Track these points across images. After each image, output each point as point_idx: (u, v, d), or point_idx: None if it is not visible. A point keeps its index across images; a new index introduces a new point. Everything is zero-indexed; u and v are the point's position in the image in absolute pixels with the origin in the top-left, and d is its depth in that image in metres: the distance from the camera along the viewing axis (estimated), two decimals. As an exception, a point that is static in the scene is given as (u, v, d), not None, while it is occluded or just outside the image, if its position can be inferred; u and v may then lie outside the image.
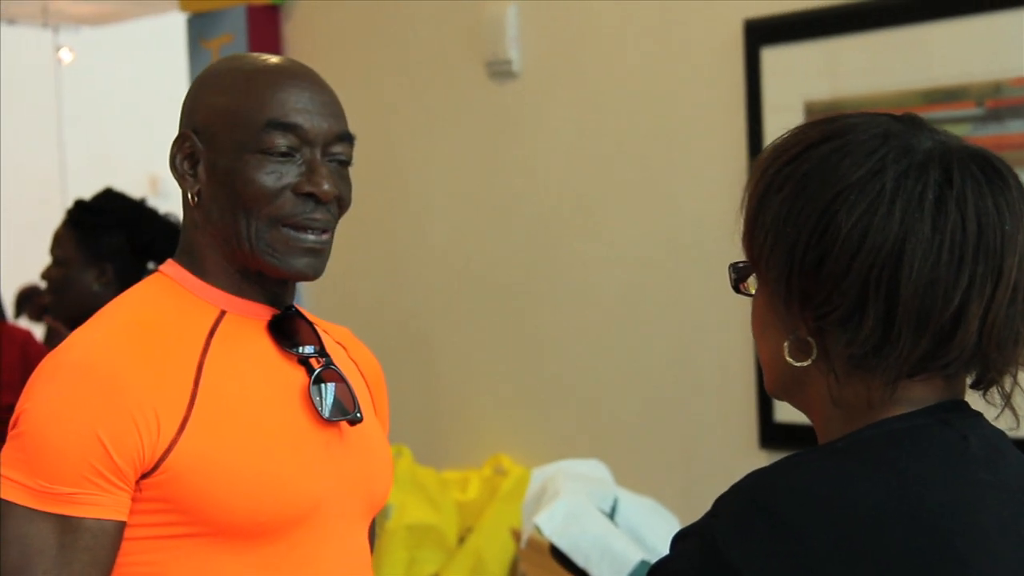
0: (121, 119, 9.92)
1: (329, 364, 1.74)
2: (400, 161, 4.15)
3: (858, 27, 3.13)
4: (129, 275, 3.20)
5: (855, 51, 3.15)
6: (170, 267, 1.76)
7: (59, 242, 3.29)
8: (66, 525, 1.57)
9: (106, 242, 3.24)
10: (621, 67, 3.60)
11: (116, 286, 3.06)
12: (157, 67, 8.55)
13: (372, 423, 1.82)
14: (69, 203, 3.37)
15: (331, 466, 1.71)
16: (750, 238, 1.30)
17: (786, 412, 3.14)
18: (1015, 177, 1.26)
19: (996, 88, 2.93)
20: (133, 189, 3.55)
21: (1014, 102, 2.92)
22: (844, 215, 1.22)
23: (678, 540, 1.27)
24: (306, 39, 4.40)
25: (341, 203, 1.73)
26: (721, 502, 1.25)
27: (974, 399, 1.30)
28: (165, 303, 1.71)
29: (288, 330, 1.74)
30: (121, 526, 1.60)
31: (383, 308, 4.21)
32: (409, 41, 4.10)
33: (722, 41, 3.37)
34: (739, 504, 1.23)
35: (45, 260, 3.32)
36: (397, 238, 4.18)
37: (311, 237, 1.70)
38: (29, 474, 1.57)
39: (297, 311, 1.78)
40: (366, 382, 1.87)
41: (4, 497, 1.58)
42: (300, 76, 1.72)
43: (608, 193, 3.64)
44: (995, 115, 2.93)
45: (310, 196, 1.68)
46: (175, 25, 5.29)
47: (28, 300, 7.29)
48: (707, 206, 3.40)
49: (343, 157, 1.73)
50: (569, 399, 3.77)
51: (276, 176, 1.67)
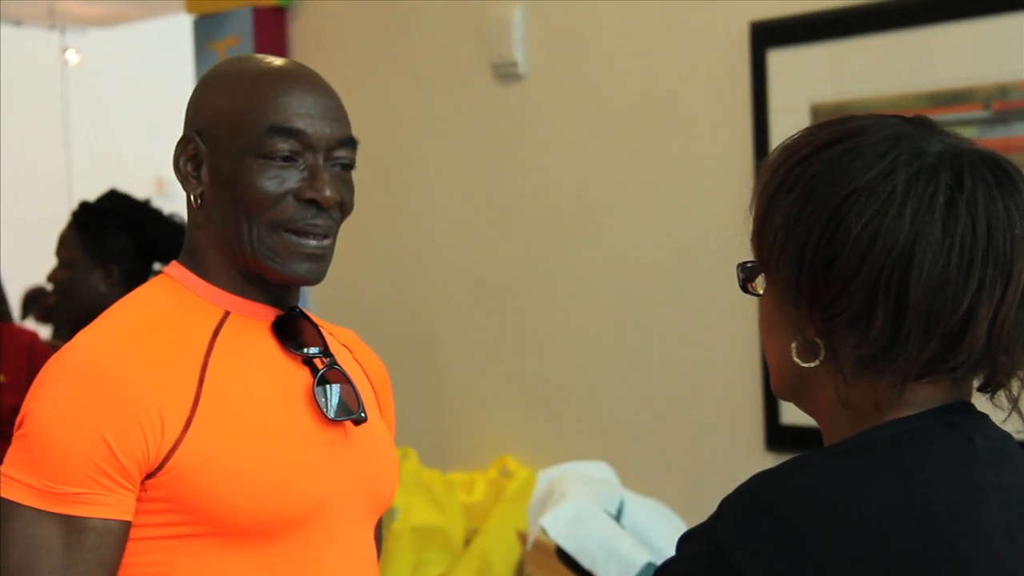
0: (127, 120, 9.93)
1: (333, 364, 1.75)
2: (405, 162, 4.15)
3: (865, 29, 3.13)
4: (135, 276, 3.21)
5: (861, 53, 3.14)
6: (174, 269, 1.76)
7: (65, 244, 3.29)
8: (71, 525, 1.57)
9: (111, 243, 3.24)
10: (627, 69, 3.60)
11: (122, 287, 3.06)
12: (163, 69, 8.54)
13: (377, 424, 1.83)
14: (75, 204, 3.37)
15: (335, 466, 1.71)
16: (759, 238, 1.31)
17: (792, 414, 3.14)
18: (1025, 180, 1.26)
19: (1003, 91, 2.93)
20: (139, 190, 3.55)
21: (1021, 105, 2.92)
22: (855, 216, 1.22)
23: (683, 542, 1.27)
24: (312, 41, 4.41)
25: (343, 208, 1.73)
26: (726, 504, 1.25)
27: (981, 402, 1.30)
28: (169, 304, 1.72)
29: (292, 330, 1.75)
30: (127, 526, 1.60)
31: (388, 310, 4.21)
32: (415, 43, 4.10)
33: (728, 43, 3.37)
34: (744, 506, 1.23)
35: (51, 261, 3.32)
36: (402, 240, 4.18)
37: (312, 242, 1.70)
38: (34, 474, 1.58)
39: (301, 311, 1.78)
40: (371, 384, 1.87)
41: (9, 497, 1.58)
42: (304, 80, 1.72)
43: (614, 195, 3.64)
44: (1002, 118, 2.93)
45: (312, 202, 1.69)
46: (181, 27, 5.30)
47: (34, 301, 7.28)
48: (713, 208, 3.40)
49: (346, 161, 1.73)
50: (575, 401, 3.76)
51: (278, 181, 1.68)
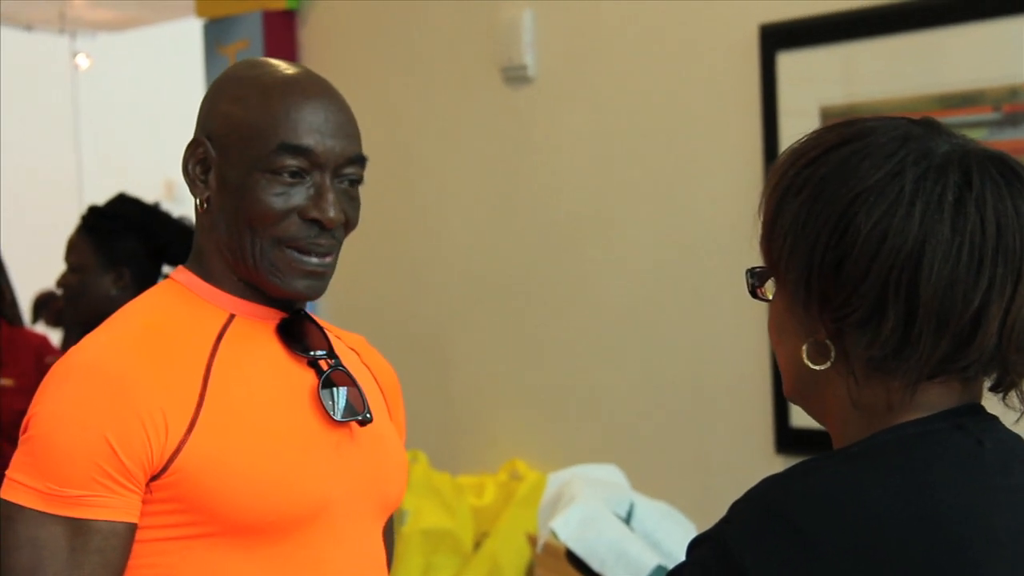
0: (137, 125, 9.95)
1: (338, 366, 1.75)
2: (414, 166, 4.15)
3: (874, 32, 3.12)
4: (146, 279, 3.21)
5: (871, 56, 3.14)
6: (180, 273, 1.77)
7: (74, 248, 3.29)
8: (76, 528, 1.58)
9: (121, 247, 3.25)
10: (636, 72, 3.60)
11: (133, 290, 3.06)
12: (173, 73, 8.57)
13: (384, 425, 1.83)
14: (85, 208, 3.37)
15: (341, 467, 1.72)
16: (768, 241, 1.31)
17: (802, 417, 3.12)
18: (1033, 180, 1.26)
19: (1012, 93, 2.93)
20: (149, 194, 3.56)
21: (1031, 107, 2.91)
22: (863, 217, 1.22)
23: (693, 547, 1.28)
24: (322, 44, 4.41)
25: (347, 226, 1.74)
26: (735, 508, 1.25)
27: (992, 403, 1.30)
28: (175, 308, 1.73)
29: (297, 333, 1.75)
30: (132, 528, 1.61)
31: (398, 313, 4.21)
32: (424, 46, 4.10)
33: (737, 46, 3.37)
34: (753, 510, 1.24)
35: (62, 265, 3.32)
36: (412, 243, 4.18)
37: (314, 260, 1.71)
38: (39, 477, 1.58)
39: (306, 314, 1.79)
40: (380, 388, 1.87)
41: (14, 500, 1.59)
42: (317, 93, 1.71)
43: (623, 198, 3.64)
44: (1012, 120, 2.92)
45: (316, 221, 1.69)
46: (191, 31, 5.30)
47: (45, 305, 7.30)
48: (723, 210, 3.40)
49: (354, 177, 1.73)
50: (585, 404, 3.76)
51: (284, 198, 1.68)
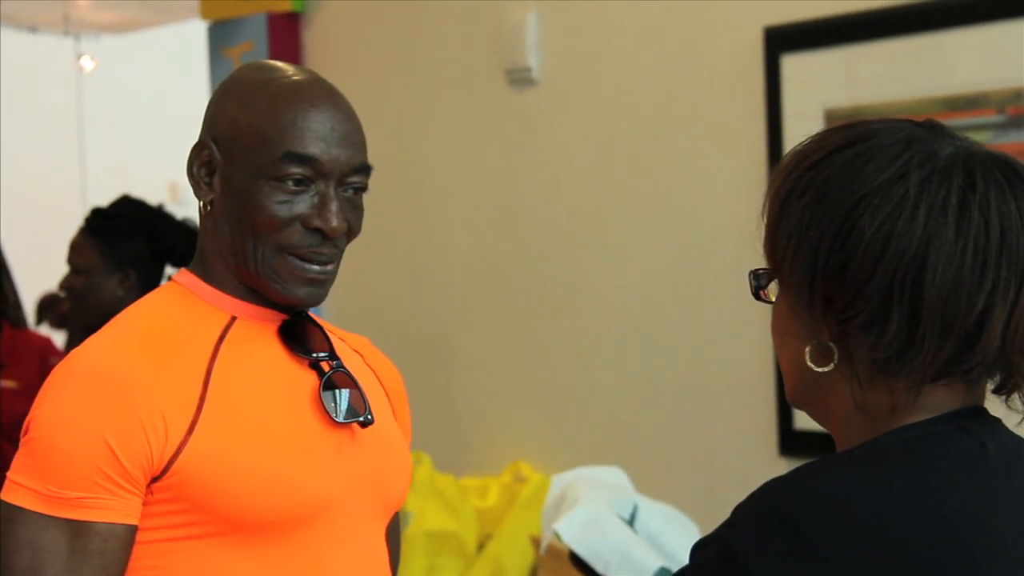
0: (142, 127, 9.95)
1: (339, 367, 1.75)
2: (419, 168, 4.15)
3: (878, 35, 3.12)
4: (152, 280, 3.21)
5: (875, 59, 3.14)
6: (183, 275, 1.78)
7: (78, 250, 3.29)
8: (76, 530, 1.58)
9: (126, 248, 3.25)
10: (640, 75, 3.60)
11: (139, 291, 3.06)
12: (178, 75, 8.56)
13: (388, 426, 1.83)
14: (89, 210, 3.37)
15: (342, 468, 1.72)
16: (772, 243, 1.31)
17: (806, 419, 3.13)
18: (1037, 182, 1.26)
19: (1017, 95, 2.92)
20: (153, 197, 3.55)
21: (1035, 109, 2.91)
22: (868, 219, 1.23)
23: (697, 550, 1.28)
24: (326, 46, 4.41)
25: (350, 234, 1.74)
26: (739, 511, 1.26)
27: (995, 405, 1.30)
28: (177, 310, 1.73)
29: (299, 335, 1.76)
30: (132, 530, 1.61)
31: (401, 315, 4.21)
32: (428, 48, 4.11)
33: (742, 48, 3.37)
34: (757, 513, 1.24)
35: (66, 267, 3.32)
36: (416, 245, 4.19)
37: (316, 267, 1.71)
38: (39, 479, 1.59)
39: (308, 315, 1.79)
40: (384, 390, 1.88)
41: (14, 502, 1.59)
42: (323, 101, 1.71)
43: (627, 200, 3.64)
44: (1016, 122, 2.92)
45: (318, 230, 1.69)
46: (196, 33, 5.31)
47: (49, 307, 7.30)
48: (727, 213, 3.40)
49: (358, 186, 1.73)
50: (589, 406, 3.76)
51: (288, 206, 1.68)
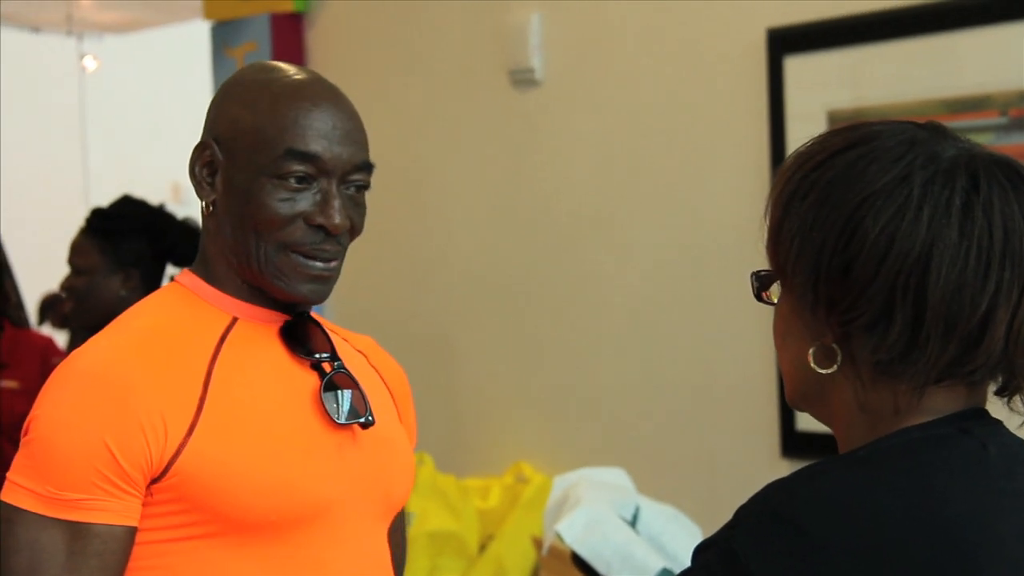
0: (144, 127, 9.96)
1: (341, 368, 1.75)
2: (422, 168, 4.15)
3: (881, 36, 3.12)
4: (154, 280, 3.21)
5: (878, 60, 3.14)
6: (185, 276, 1.78)
7: (79, 251, 3.28)
8: (75, 531, 1.58)
9: (127, 248, 3.24)
10: (643, 75, 3.60)
11: (142, 291, 3.05)
12: (181, 75, 8.57)
13: (391, 426, 1.83)
14: (89, 210, 3.37)
15: (343, 469, 1.72)
16: (775, 245, 1.30)
17: (808, 421, 3.12)
18: (1041, 184, 1.26)
19: (1020, 97, 2.92)
20: (155, 197, 3.55)
21: (1038, 111, 2.91)
22: (871, 221, 1.22)
23: (699, 552, 1.27)
24: (329, 47, 4.41)
25: (352, 232, 1.74)
26: (741, 513, 1.25)
27: (996, 407, 1.30)
28: (178, 311, 1.73)
29: (300, 336, 1.76)
30: (131, 531, 1.61)
31: (403, 316, 4.21)
32: (431, 49, 4.11)
33: (745, 50, 3.37)
34: (759, 514, 1.24)
35: (68, 268, 3.32)
36: (418, 246, 4.18)
37: (319, 265, 1.71)
38: (38, 480, 1.59)
39: (309, 316, 1.79)
40: (389, 390, 1.88)
41: (14, 503, 1.59)
42: (325, 100, 1.71)
43: (630, 201, 3.64)
44: (1019, 124, 2.92)
45: (321, 227, 1.69)
46: (199, 33, 5.31)
47: (51, 307, 7.31)
48: (729, 214, 3.40)
49: (360, 183, 1.73)
50: (591, 407, 3.76)
51: (290, 204, 1.68)
